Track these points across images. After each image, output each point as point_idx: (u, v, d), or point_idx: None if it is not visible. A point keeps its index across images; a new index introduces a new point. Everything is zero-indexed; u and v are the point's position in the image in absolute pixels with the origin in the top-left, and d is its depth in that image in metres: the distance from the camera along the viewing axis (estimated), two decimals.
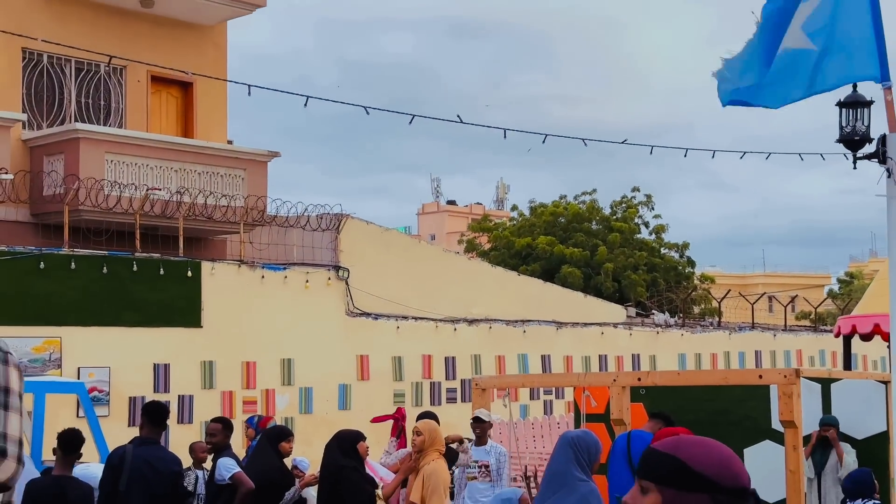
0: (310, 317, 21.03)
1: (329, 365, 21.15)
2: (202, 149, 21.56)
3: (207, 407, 18.65)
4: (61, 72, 21.68)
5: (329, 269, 21.92)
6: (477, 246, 47.21)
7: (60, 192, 19.57)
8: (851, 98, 6.15)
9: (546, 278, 36.26)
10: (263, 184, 22.19)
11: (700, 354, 28.41)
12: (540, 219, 44.10)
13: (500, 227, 46.75)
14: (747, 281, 63.39)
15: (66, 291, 17.89)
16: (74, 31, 21.23)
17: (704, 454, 2.51)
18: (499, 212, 71.84)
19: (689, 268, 45.64)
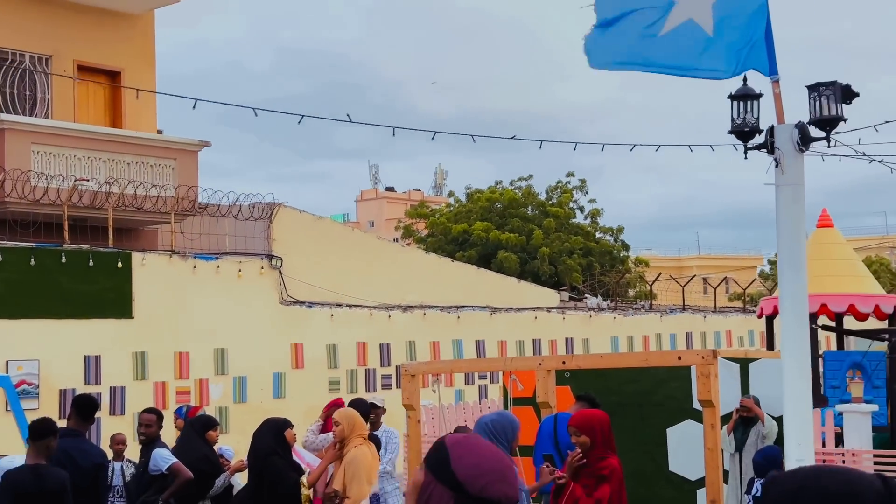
0: (243, 306, 21.04)
1: (263, 354, 21.20)
2: (131, 139, 21.47)
3: (140, 398, 18.62)
4: None
5: (262, 258, 21.94)
6: (414, 232, 47.25)
7: None
8: (742, 91, 6.31)
9: (483, 264, 36.46)
10: (194, 173, 22.14)
11: (632, 337, 28.77)
12: (476, 205, 44.20)
13: (436, 213, 46.81)
14: (682, 263, 64.15)
15: None
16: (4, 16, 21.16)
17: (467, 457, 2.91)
18: (437, 198, 71.74)
19: (624, 251, 45.95)
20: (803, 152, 6.12)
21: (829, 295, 18.06)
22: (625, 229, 45.94)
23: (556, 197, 44.32)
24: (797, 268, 6.25)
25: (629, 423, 12.69)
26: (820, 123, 6.16)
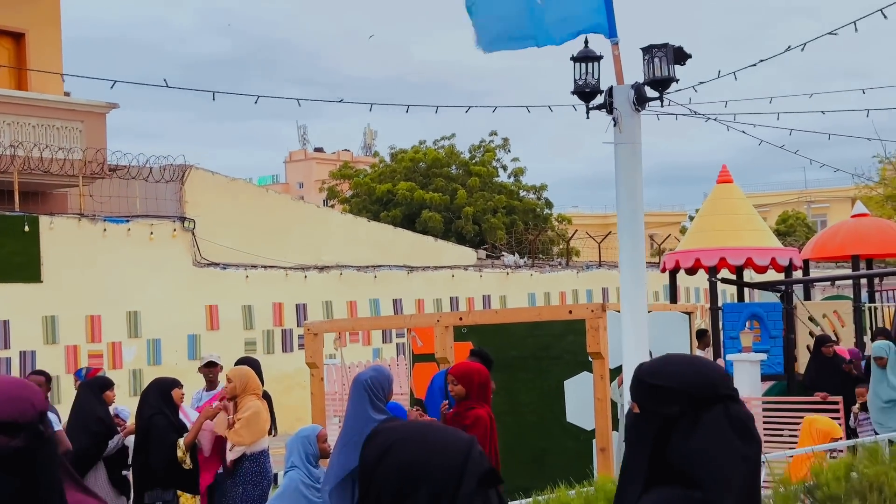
0: (155, 268, 21.04)
1: (177, 316, 21.25)
2: (36, 101, 21.27)
3: (51, 362, 18.64)
4: None
5: (174, 220, 21.94)
6: (338, 193, 47.11)
7: None
8: (583, 53, 6.42)
9: (407, 224, 36.64)
10: (102, 135, 22.01)
11: (549, 293, 29.02)
12: (400, 165, 44.20)
13: (360, 173, 46.74)
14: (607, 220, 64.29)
15: None
16: None
17: None
18: (366, 158, 71.54)
19: (547, 209, 46.14)
20: (639, 112, 6.33)
21: (728, 249, 18.42)
22: (548, 187, 46.08)
23: (480, 156, 44.42)
24: (635, 222, 6.46)
25: (529, 377, 12.98)
26: (654, 84, 6.34)
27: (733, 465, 2.52)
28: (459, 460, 2.23)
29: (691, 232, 19.68)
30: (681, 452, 2.52)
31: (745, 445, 2.53)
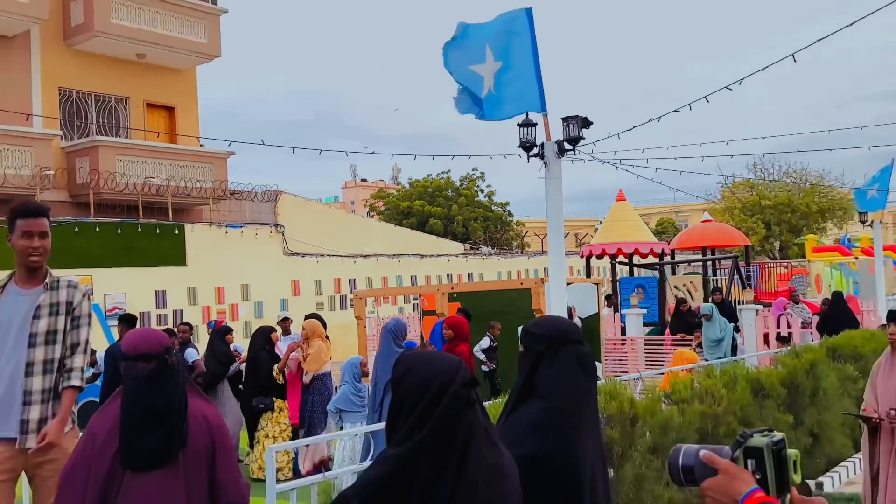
0: (259, 257, 21.04)
1: (273, 287, 21.28)
2: (182, 151, 21.30)
3: (193, 317, 18.68)
4: (85, 103, 21.13)
5: (271, 226, 21.97)
6: (376, 208, 47.10)
7: (87, 181, 19.28)
8: (525, 121, 6.48)
9: (419, 228, 36.57)
10: (224, 172, 21.96)
11: (510, 271, 29.05)
12: (415, 190, 44.23)
13: (389, 195, 46.68)
14: None
15: (93, 246, 17.69)
16: (95, 74, 20.87)
17: None
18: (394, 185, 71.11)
19: (510, 217, 46.01)
20: (560, 158, 6.39)
21: (623, 242, 18.50)
22: (510, 203, 45.97)
23: (466, 184, 44.34)
24: (558, 231, 6.50)
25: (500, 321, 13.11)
26: (569, 140, 6.41)
27: (576, 386, 2.62)
28: (453, 370, 2.29)
29: (600, 232, 19.76)
30: (543, 376, 2.62)
31: (585, 374, 2.64)
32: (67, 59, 20.68)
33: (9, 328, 3.82)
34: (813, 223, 35.13)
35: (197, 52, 21.98)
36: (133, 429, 2.77)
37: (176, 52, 21.63)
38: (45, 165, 18.61)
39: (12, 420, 3.78)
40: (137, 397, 2.80)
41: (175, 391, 2.85)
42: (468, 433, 2.28)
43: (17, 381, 3.78)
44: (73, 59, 20.78)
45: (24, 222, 3.87)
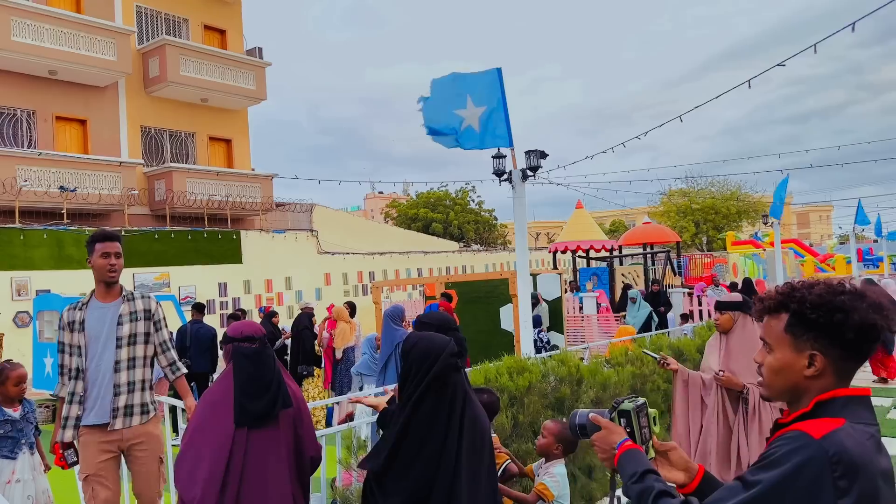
0: (299, 255, 21.14)
1: (309, 278, 21.38)
2: (237, 174, 21.44)
3: (247, 304, 18.82)
4: (161, 137, 21.28)
5: (308, 231, 22.12)
6: (390, 215, 47.17)
7: (164, 199, 19.46)
8: (497, 154, 6.67)
9: (424, 230, 36.67)
10: (270, 189, 22.11)
11: (496, 264, 29.12)
12: (421, 200, 44.28)
13: (401, 205, 46.74)
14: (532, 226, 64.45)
15: (169, 249, 17.80)
16: (168, 115, 21.03)
17: None
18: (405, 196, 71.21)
19: (496, 220, 46.00)
20: (524, 182, 6.56)
21: (581, 240, 18.66)
22: (496, 209, 46.05)
23: (461, 195, 44.41)
24: (523, 235, 6.66)
25: (483, 306, 13.03)
26: (531, 169, 6.59)
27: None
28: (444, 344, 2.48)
29: (563, 232, 19.87)
30: None
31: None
32: (147, 104, 20.85)
33: (98, 335, 3.81)
34: (732, 222, 35.27)
35: (247, 96, 22.10)
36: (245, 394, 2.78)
37: (231, 97, 21.77)
38: (130, 187, 18.81)
39: (107, 408, 3.77)
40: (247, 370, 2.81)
41: (273, 366, 2.88)
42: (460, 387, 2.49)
43: (108, 376, 3.77)
44: (152, 103, 20.95)
45: (102, 245, 3.83)
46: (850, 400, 1.44)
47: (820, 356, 1.46)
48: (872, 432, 1.41)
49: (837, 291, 1.48)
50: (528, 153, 6.53)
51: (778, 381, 1.51)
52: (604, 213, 57.48)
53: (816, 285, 1.52)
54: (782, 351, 1.50)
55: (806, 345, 1.48)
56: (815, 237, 63.25)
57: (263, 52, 22.72)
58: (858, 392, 1.47)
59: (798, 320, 1.48)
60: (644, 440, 1.86)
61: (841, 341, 1.45)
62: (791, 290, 1.54)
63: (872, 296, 1.48)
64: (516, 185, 6.52)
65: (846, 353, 1.46)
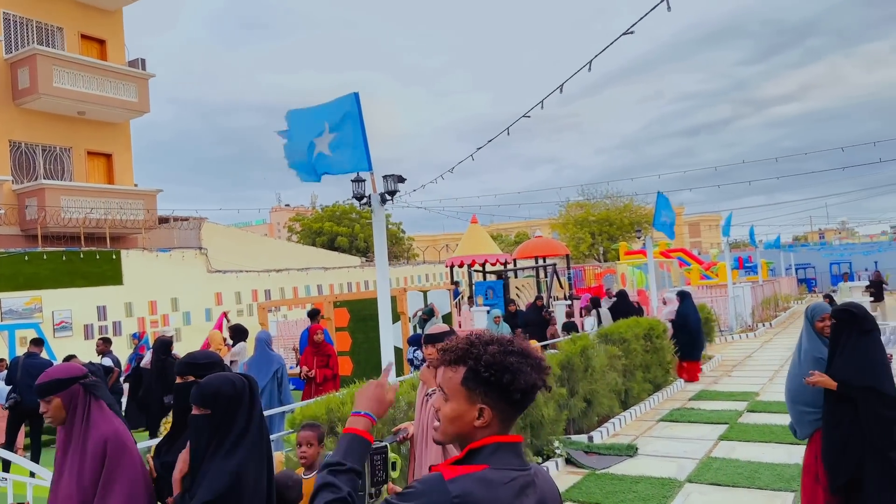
0: (186, 274, 20.36)
1: (198, 298, 20.59)
2: (118, 190, 20.46)
3: (130, 328, 18.05)
4: (32, 152, 20.00)
5: (196, 249, 21.36)
6: (294, 229, 46.25)
7: (35, 218, 18.28)
8: (357, 177, 6.69)
9: (330, 245, 36.18)
10: (154, 206, 21.23)
11: (399, 279, 29.15)
12: (326, 213, 43.67)
13: (305, 219, 45.89)
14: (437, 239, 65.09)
15: (41, 270, 16.69)
16: (41, 128, 19.80)
17: None
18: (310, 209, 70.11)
19: (402, 233, 46.04)
20: (383, 205, 6.64)
21: (477, 255, 19.03)
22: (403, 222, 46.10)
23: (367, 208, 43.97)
24: (382, 256, 6.72)
25: (373, 324, 13.09)
26: (389, 193, 6.68)
27: None
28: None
29: (459, 247, 20.21)
30: None
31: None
32: (16, 116, 19.52)
33: None
34: (625, 233, 37.00)
35: (129, 108, 21.14)
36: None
37: (111, 109, 20.75)
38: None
39: None
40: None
41: None
42: None
43: None
44: (21, 116, 19.64)
45: None
46: (499, 447, 1.56)
47: (488, 409, 1.58)
48: (516, 476, 1.53)
49: (508, 351, 1.60)
50: (385, 177, 6.62)
51: (451, 428, 1.61)
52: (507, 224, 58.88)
53: (492, 343, 1.63)
54: (457, 402, 1.60)
55: (477, 398, 1.58)
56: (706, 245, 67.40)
57: (147, 64, 21.82)
58: (509, 439, 1.59)
59: (473, 375, 1.59)
60: (377, 482, 1.91)
61: (507, 399, 1.58)
62: (470, 345, 1.64)
63: (534, 355, 1.62)
64: (375, 209, 6.59)
65: (511, 407, 1.60)
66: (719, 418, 8.68)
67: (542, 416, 7.06)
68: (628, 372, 9.53)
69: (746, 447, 7.34)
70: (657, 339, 10.50)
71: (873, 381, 3.89)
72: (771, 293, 24.18)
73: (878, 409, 3.85)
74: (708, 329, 13.44)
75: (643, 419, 9.10)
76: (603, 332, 9.51)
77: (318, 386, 8.69)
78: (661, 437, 8.11)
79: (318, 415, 4.70)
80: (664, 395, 10.46)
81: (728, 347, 16.26)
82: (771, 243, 35.35)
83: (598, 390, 8.49)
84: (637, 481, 6.41)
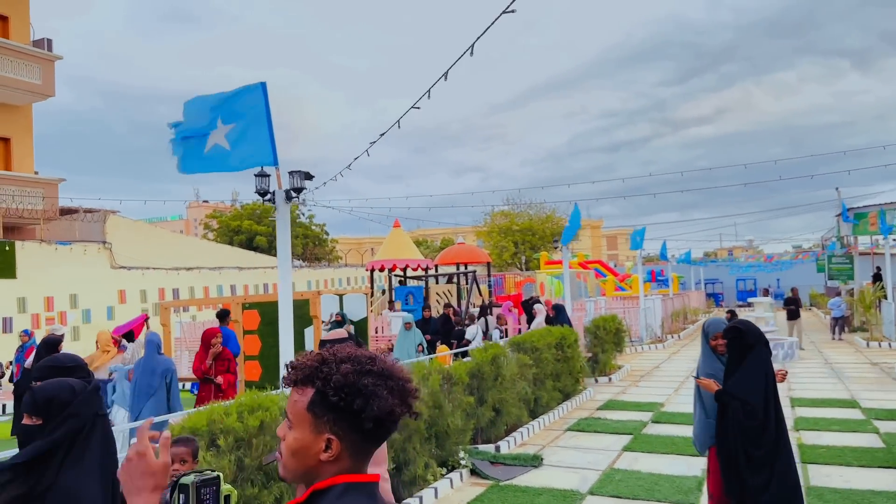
0: (88, 269, 19.24)
1: (100, 295, 19.51)
2: (16, 177, 19.06)
3: (23, 324, 16.74)
4: None
5: (99, 243, 20.14)
6: (211, 227, 44.55)
7: None
8: (260, 172, 6.37)
9: (248, 244, 35.05)
10: (55, 196, 19.93)
11: (319, 281, 28.64)
12: (246, 211, 42.26)
13: (223, 216, 44.30)
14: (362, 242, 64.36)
15: None
16: None
17: None
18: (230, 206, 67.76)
19: (326, 235, 45.27)
20: (288, 203, 6.33)
21: (397, 259, 18.81)
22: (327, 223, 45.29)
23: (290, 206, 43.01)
24: (286, 257, 6.44)
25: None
26: (295, 190, 6.38)
27: None
28: None
29: (379, 251, 19.95)
30: None
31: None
32: None
33: None
34: (547, 242, 37.71)
35: (31, 91, 19.74)
36: None
37: (11, 90, 19.29)
38: None
39: None
40: None
41: None
42: None
43: None
44: None
45: None
46: (349, 487, 1.32)
47: (336, 441, 1.33)
48: None
49: (365, 372, 1.35)
50: (291, 173, 6.29)
51: (293, 462, 1.35)
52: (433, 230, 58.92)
53: (347, 361, 1.37)
54: (302, 430, 1.35)
55: (325, 427, 1.33)
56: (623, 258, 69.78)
57: (53, 45, 20.40)
58: (361, 479, 1.35)
59: (321, 399, 1.34)
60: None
61: (358, 428, 1.33)
62: (321, 363, 1.38)
63: (398, 376, 1.38)
64: (279, 206, 6.26)
65: (363, 438, 1.35)
66: (625, 429, 8.78)
67: (448, 425, 6.88)
68: (538, 380, 9.51)
69: (649, 459, 7.42)
70: (568, 349, 10.56)
71: (743, 391, 4.08)
72: (680, 306, 25.12)
73: (740, 417, 4.06)
74: (618, 339, 13.70)
75: (551, 428, 9.10)
76: (514, 340, 9.47)
77: (221, 392, 8.23)
78: (567, 447, 8.10)
79: (198, 426, 4.32)
80: (573, 403, 10.53)
81: (638, 357, 16.69)
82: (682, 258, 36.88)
83: (507, 399, 8.41)
84: (539, 493, 6.33)
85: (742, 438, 4.04)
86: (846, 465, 6.84)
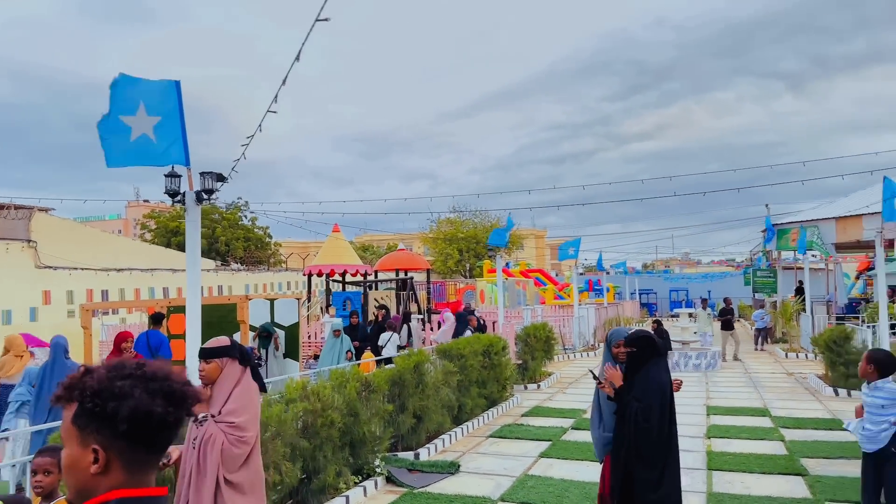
0: (9, 268, 18.33)
1: (23, 296, 18.61)
2: None
3: None
4: None
5: (23, 241, 19.20)
6: (147, 227, 43.15)
7: None
8: (171, 172, 6.20)
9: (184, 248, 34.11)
10: None
11: (258, 285, 28.11)
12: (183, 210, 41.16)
13: (161, 217, 43.00)
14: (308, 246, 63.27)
15: None
16: None
17: None
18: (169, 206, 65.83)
19: (269, 238, 44.47)
20: (199, 205, 6.14)
21: (336, 264, 18.56)
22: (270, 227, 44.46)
23: (231, 209, 42.06)
24: (195, 261, 6.23)
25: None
26: (206, 191, 6.20)
27: None
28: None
29: (318, 255, 19.66)
30: None
31: None
32: None
33: None
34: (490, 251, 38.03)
35: None
36: None
37: None
38: None
39: None
40: None
41: None
42: None
43: None
44: None
45: None
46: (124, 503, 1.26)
47: (102, 451, 1.28)
48: None
49: (122, 376, 1.30)
50: (203, 174, 6.11)
51: (70, 479, 1.30)
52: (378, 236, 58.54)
53: (107, 369, 1.34)
54: (70, 445, 1.31)
55: (91, 438, 1.28)
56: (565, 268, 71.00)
57: None
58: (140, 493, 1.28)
59: (83, 411, 1.29)
60: None
61: (120, 433, 1.27)
62: (84, 373, 1.34)
63: (164, 378, 1.32)
64: (190, 208, 6.05)
65: (133, 445, 1.29)
66: (545, 435, 8.85)
67: (364, 433, 6.79)
68: (463, 387, 9.51)
69: (562, 465, 7.49)
70: (496, 356, 10.60)
71: (640, 394, 4.27)
72: (614, 315, 25.64)
73: (637, 417, 4.23)
74: (548, 347, 13.85)
75: (474, 435, 9.10)
76: (441, 348, 9.44)
77: None
78: (487, 453, 8.11)
79: None
80: (499, 410, 10.56)
81: (569, 365, 16.91)
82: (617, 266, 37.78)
83: (429, 406, 8.36)
84: (452, 500, 6.30)
85: (637, 436, 4.22)
86: (748, 472, 7.06)
